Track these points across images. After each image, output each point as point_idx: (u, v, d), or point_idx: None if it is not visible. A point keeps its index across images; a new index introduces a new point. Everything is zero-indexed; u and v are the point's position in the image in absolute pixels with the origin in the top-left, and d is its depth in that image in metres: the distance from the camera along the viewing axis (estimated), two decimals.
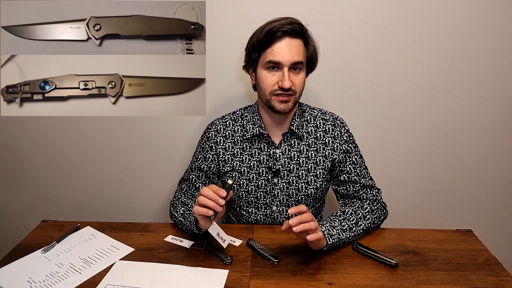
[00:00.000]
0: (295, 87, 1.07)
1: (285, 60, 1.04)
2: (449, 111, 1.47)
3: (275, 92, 1.07)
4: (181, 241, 1.09)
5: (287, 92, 1.05)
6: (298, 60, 1.05)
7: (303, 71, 1.09)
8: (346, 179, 1.18)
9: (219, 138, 1.20)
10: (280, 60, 1.04)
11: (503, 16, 1.35)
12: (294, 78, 1.06)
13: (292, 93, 1.06)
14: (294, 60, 1.04)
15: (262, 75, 1.08)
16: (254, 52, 1.08)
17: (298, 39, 1.06)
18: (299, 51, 1.05)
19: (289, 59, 1.04)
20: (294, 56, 1.04)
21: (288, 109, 1.08)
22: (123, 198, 1.66)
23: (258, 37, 1.05)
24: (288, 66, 1.04)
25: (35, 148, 1.57)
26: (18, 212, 1.69)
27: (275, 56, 1.04)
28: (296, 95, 1.08)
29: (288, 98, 1.07)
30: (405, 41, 1.38)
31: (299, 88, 1.08)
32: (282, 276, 0.93)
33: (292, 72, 1.06)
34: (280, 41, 1.04)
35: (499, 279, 0.92)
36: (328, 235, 1.00)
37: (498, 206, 1.61)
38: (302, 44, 1.07)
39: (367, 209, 1.13)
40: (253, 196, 1.19)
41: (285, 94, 1.06)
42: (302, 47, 1.07)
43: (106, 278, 0.94)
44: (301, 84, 1.08)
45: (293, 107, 1.10)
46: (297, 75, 1.07)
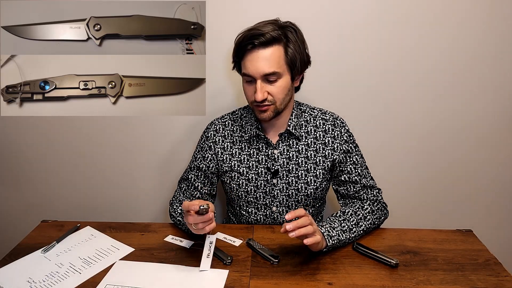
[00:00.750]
0: (273, 96, 1.05)
1: (255, 73, 1.02)
2: (449, 111, 1.47)
3: (254, 103, 1.07)
4: (181, 241, 1.09)
5: (262, 103, 1.05)
6: (269, 72, 1.01)
7: (282, 79, 1.04)
8: (347, 179, 1.18)
9: (218, 137, 1.20)
10: (251, 73, 1.03)
11: (505, 17, 1.34)
12: (270, 88, 1.04)
13: (269, 103, 1.05)
14: (264, 72, 1.01)
15: (243, 86, 1.09)
16: (235, 61, 1.09)
17: (272, 46, 1.01)
18: (271, 61, 1.01)
19: (260, 71, 1.01)
20: (264, 68, 1.01)
21: (269, 118, 1.08)
22: (123, 198, 1.65)
23: (234, 48, 1.06)
24: (260, 78, 1.02)
25: (35, 148, 1.57)
26: (18, 212, 1.69)
27: (247, 69, 1.03)
28: (276, 103, 1.06)
29: (266, 108, 1.06)
30: (406, 41, 1.38)
31: (277, 96, 1.05)
32: (282, 276, 0.93)
33: (268, 83, 1.04)
34: (250, 53, 1.02)
35: (499, 279, 0.92)
36: (328, 237, 1.00)
37: (498, 206, 1.61)
38: (278, 50, 1.02)
39: (368, 209, 1.13)
40: (252, 197, 1.19)
41: (261, 105, 1.05)
42: (277, 55, 1.01)
43: (106, 278, 0.94)
44: (279, 92, 1.05)
45: (275, 115, 1.08)
46: (274, 84, 1.04)
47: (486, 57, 1.40)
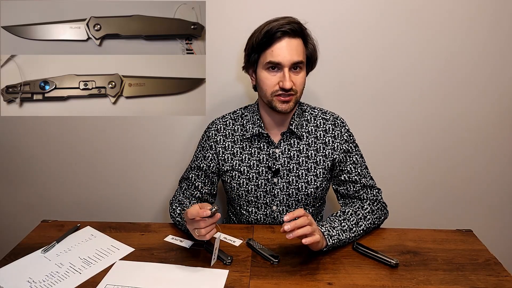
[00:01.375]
0: (296, 87, 1.07)
1: (285, 61, 1.04)
2: (450, 111, 1.47)
3: (276, 92, 1.07)
4: (181, 241, 1.09)
5: (288, 92, 1.05)
6: (298, 60, 1.05)
7: (303, 71, 1.09)
8: (347, 179, 1.18)
9: (219, 137, 1.20)
10: (280, 61, 1.04)
11: (507, 19, 1.34)
12: (294, 78, 1.06)
13: (293, 93, 1.07)
14: (294, 60, 1.04)
15: (262, 76, 1.08)
16: (254, 53, 1.08)
17: (297, 38, 1.06)
18: (298, 50, 1.05)
19: (289, 59, 1.04)
20: (294, 56, 1.04)
21: (290, 109, 1.08)
22: (123, 198, 1.65)
23: (257, 38, 1.05)
24: (288, 66, 1.04)
25: (35, 148, 1.57)
26: (18, 212, 1.69)
27: (275, 57, 1.04)
28: (297, 94, 1.08)
29: (289, 98, 1.07)
30: (407, 42, 1.38)
31: (300, 87, 1.08)
32: (282, 276, 0.93)
33: (293, 72, 1.06)
34: (279, 41, 1.04)
35: (499, 279, 0.92)
36: (328, 236, 1.00)
37: (498, 206, 1.61)
38: (301, 43, 1.07)
39: (367, 209, 1.13)
40: (253, 196, 1.19)
41: (286, 94, 1.06)
42: (301, 47, 1.07)
43: (106, 278, 0.94)
44: (301, 84, 1.09)
45: (294, 107, 1.10)
46: (298, 75, 1.07)
47: (488, 60, 1.40)
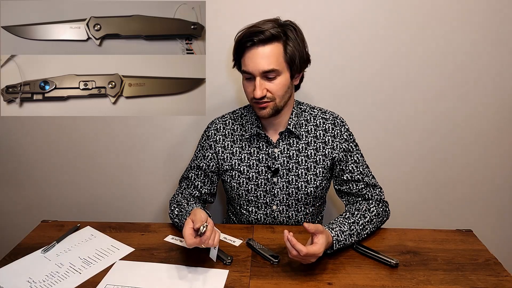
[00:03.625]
0: (272, 93, 1.06)
1: (254, 70, 1.03)
2: (450, 110, 1.47)
3: (253, 100, 1.07)
4: (181, 241, 1.09)
5: (262, 100, 1.05)
6: (268, 69, 1.02)
7: (282, 76, 1.05)
8: (349, 178, 1.18)
9: (218, 136, 1.21)
10: (250, 70, 1.03)
11: (502, 15, 1.34)
12: (269, 85, 1.05)
13: (268, 100, 1.06)
14: (263, 69, 1.02)
15: (243, 84, 1.10)
16: (235, 59, 1.10)
17: (271, 44, 1.02)
18: (270, 58, 1.02)
19: (259, 68, 1.02)
20: (264, 65, 1.02)
21: (268, 115, 1.08)
22: (123, 198, 1.65)
23: (234, 47, 1.07)
24: (259, 75, 1.03)
25: (35, 148, 1.57)
26: (18, 212, 1.69)
27: (246, 67, 1.04)
28: (275, 100, 1.07)
29: (265, 105, 1.07)
30: (403, 39, 1.38)
31: (277, 93, 1.06)
32: (282, 276, 0.93)
33: (267, 80, 1.05)
34: (249, 51, 1.03)
35: (499, 279, 0.92)
36: (336, 242, 0.99)
37: (498, 206, 1.61)
38: (277, 48, 1.02)
39: (374, 212, 1.12)
40: (253, 195, 1.19)
41: (261, 102, 1.06)
42: (276, 52, 1.02)
43: (106, 278, 0.94)
44: (279, 90, 1.06)
45: (274, 112, 1.09)
46: (273, 82, 1.05)
47: (486, 56, 1.40)
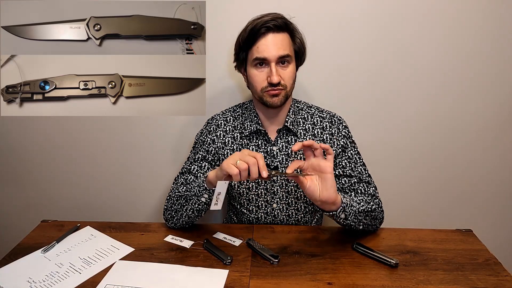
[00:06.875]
0: (285, 81, 1.08)
1: (270, 56, 1.05)
2: (449, 109, 1.47)
3: (266, 88, 1.08)
4: (181, 241, 1.09)
5: (276, 86, 1.07)
6: (284, 54, 1.05)
7: (292, 64, 1.09)
8: (341, 173, 1.18)
9: (219, 132, 1.21)
10: (266, 56, 1.05)
11: (501, 14, 1.34)
12: (282, 72, 1.07)
13: (282, 88, 1.08)
14: (280, 54, 1.05)
15: (252, 73, 1.10)
16: (241, 51, 1.10)
17: (283, 33, 1.07)
18: (284, 45, 1.06)
19: (275, 54, 1.04)
20: (279, 50, 1.05)
21: (280, 102, 1.09)
22: (123, 198, 1.66)
23: (243, 36, 1.07)
24: (274, 61, 1.05)
25: (35, 148, 1.57)
26: (18, 212, 1.69)
27: (261, 53, 1.05)
28: (286, 89, 1.09)
29: (278, 92, 1.08)
30: (402, 38, 1.38)
31: (288, 81, 1.09)
32: (282, 276, 0.93)
33: (280, 67, 1.07)
34: (264, 37, 1.05)
35: (499, 279, 0.92)
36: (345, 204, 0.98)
37: (498, 206, 1.61)
38: (287, 37, 1.08)
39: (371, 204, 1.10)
40: (253, 193, 1.19)
41: (275, 89, 1.07)
42: (287, 41, 1.07)
43: (106, 278, 0.94)
44: (290, 78, 1.09)
45: (285, 101, 1.10)
46: (286, 69, 1.08)
47: (485, 55, 1.40)
